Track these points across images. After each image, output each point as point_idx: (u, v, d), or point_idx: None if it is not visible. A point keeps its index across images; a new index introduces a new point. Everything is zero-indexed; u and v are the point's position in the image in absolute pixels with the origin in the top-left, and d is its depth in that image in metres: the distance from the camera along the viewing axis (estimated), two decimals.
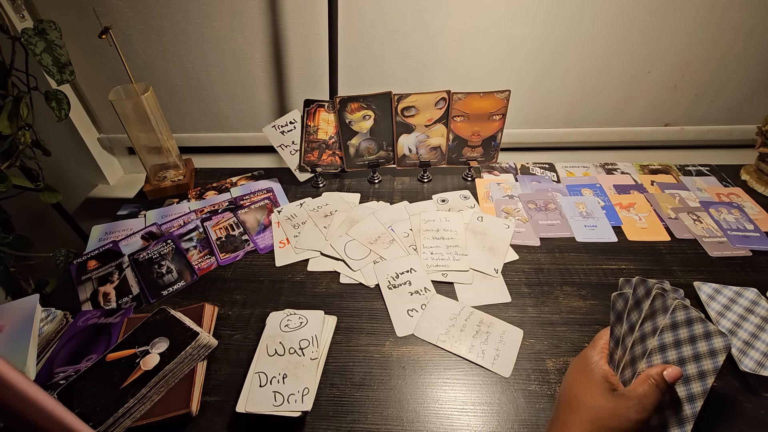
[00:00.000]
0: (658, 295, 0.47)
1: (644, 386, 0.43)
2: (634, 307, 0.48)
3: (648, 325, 0.47)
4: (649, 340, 0.46)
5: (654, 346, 0.46)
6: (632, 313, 0.48)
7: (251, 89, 1.04)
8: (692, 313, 0.45)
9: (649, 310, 0.47)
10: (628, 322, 0.48)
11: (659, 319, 0.46)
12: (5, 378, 0.32)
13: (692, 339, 0.45)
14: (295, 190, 0.96)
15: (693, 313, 0.45)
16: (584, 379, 0.46)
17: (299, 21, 0.93)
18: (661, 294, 0.47)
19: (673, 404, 0.44)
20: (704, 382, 0.44)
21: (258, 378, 0.56)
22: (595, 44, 0.92)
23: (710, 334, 0.44)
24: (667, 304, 0.46)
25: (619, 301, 0.49)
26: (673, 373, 0.43)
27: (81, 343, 0.65)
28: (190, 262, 0.78)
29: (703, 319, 0.45)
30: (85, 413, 0.52)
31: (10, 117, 0.78)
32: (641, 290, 0.48)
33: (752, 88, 0.98)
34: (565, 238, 0.79)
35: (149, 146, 0.93)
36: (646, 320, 0.47)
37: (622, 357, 0.47)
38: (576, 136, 1.07)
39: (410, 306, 0.68)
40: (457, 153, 0.93)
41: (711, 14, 0.88)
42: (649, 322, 0.47)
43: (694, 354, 0.44)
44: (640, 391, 0.42)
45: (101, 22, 0.81)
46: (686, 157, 1.02)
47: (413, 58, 0.97)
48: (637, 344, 0.46)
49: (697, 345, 0.45)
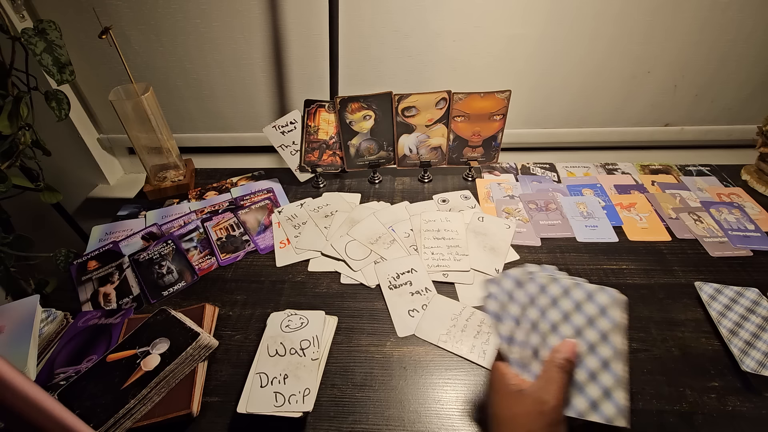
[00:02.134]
0: (527, 280, 0.46)
1: (546, 373, 0.41)
2: (509, 302, 0.46)
3: (532, 311, 0.45)
4: (541, 326, 0.44)
5: (546, 329, 0.44)
6: (510, 308, 0.46)
7: (251, 89, 1.04)
8: (565, 281, 0.44)
9: (526, 298, 0.46)
10: (512, 318, 0.46)
11: (541, 301, 0.45)
12: (6, 378, 0.32)
13: (578, 306, 0.43)
14: (295, 191, 0.96)
15: (565, 281, 0.44)
16: (493, 393, 0.44)
17: (299, 21, 0.93)
18: (530, 278, 0.46)
19: (593, 378, 0.42)
20: (610, 343, 0.42)
21: (259, 378, 0.56)
22: (596, 44, 0.92)
23: (592, 294, 0.43)
24: (541, 284, 0.45)
25: (491, 302, 0.47)
26: (564, 346, 0.41)
27: (81, 343, 0.65)
28: (190, 263, 0.78)
29: (579, 284, 0.44)
30: (86, 414, 0.51)
31: (10, 117, 0.78)
32: (508, 283, 0.47)
33: (752, 88, 0.98)
34: (565, 238, 0.79)
35: (149, 146, 0.93)
36: (527, 308, 0.45)
37: (523, 353, 0.45)
38: (576, 136, 1.07)
39: (411, 306, 0.68)
40: (457, 153, 0.93)
41: (711, 14, 0.88)
42: (533, 309, 0.45)
43: (587, 320, 0.43)
44: (543, 380, 0.41)
45: (101, 22, 0.80)
46: (687, 157, 1.02)
47: (413, 58, 0.97)
48: (530, 335, 0.45)
49: (585, 309, 0.43)
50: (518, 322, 0.45)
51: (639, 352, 0.60)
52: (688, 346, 0.60)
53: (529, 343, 0.44)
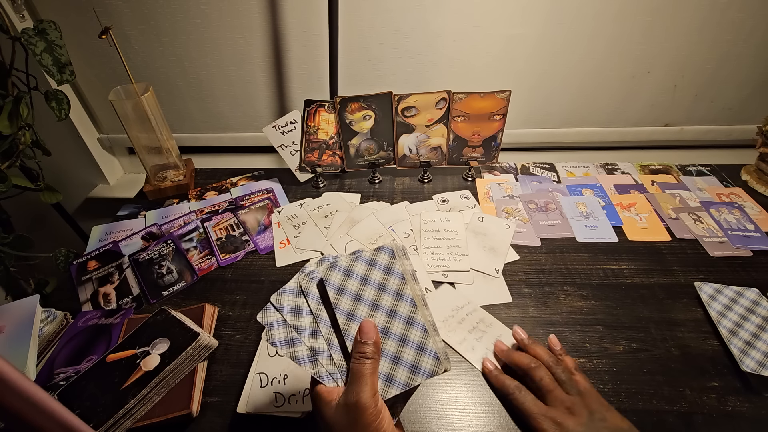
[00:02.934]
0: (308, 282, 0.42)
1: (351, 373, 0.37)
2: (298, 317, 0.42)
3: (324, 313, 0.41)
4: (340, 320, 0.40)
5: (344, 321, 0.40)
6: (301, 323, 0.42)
7: (251, 89, 1.04)
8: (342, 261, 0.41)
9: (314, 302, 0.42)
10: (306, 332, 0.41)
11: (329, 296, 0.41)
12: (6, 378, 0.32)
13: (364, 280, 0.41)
14: (295, 191, 0.96)
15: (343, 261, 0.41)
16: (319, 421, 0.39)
17: (299, 21, 0.93)
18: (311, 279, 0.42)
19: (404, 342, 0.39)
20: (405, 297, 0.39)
21: (259, 379, 0.56)
22: (595, 44, 0.92)
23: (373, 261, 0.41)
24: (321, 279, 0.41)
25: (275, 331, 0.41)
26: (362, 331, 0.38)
27: (81, 343, 0.65)
28: (190, 263, 0.78)
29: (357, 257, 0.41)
30: (86, 414, 0.51)
31: (10, 117, 0.78)
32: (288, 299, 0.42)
33: (752, 88, 0.98)
34: (565, 238, 0.79)
35: (149, 146, 0.93)
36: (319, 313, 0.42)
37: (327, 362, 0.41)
38: (576, 136, 1.07)
39: None
40: (457, 153, 0.93)
41: (711, 14, 0.88)
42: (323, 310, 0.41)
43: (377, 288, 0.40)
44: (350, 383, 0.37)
45: (101, 22, 0.80)
46: (686, 157, 1.02)
47: (413, 58, 0.97)
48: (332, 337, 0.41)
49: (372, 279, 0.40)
50: (315, 332, 0.41)
51: (639, 352, 0.60)
52: (688, 346, 0.60)
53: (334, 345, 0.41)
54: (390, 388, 0.39)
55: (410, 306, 0.40)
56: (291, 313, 0.42)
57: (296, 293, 0.42)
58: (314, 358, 0.41)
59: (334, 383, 0.40)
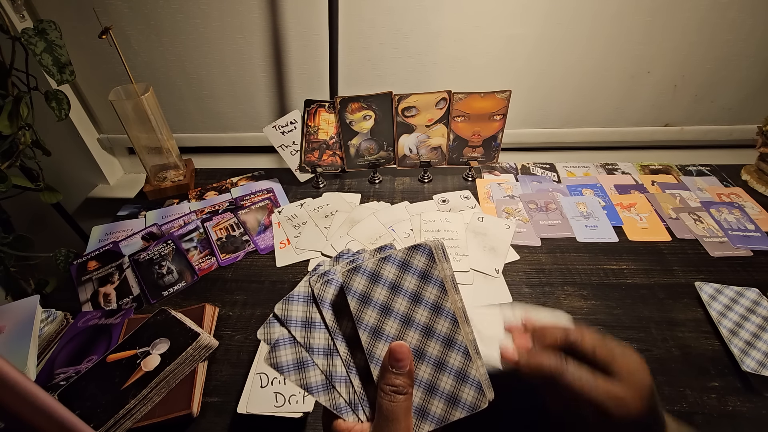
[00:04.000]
0: (322, 287, 0.34)
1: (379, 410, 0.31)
2: (310, 333, 0.35)
3: (344, 326, 0.34)
4: (362, 338, 0.33)
5: (366, 339, 0.33)
6: (313, 340, 0.35)
7: (251, 89, 1.04)
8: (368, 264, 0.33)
9: (330, 313, 0.34)
10: (320, 353, 0.34)
11: (348, 308, 0.33)
12: (6, 378, 0.32)
13: (394, 288, 0.33)
14: (295, 191, 0.96)
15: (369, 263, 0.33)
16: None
17: (299, 21, 0.93)
18: (326, 282, 0.34)
19: (441, 367, 0.33)
20: (444, 312, 0.32)
21: (259, 379, 0.56)
22: (595, 44, 0.92)
23: (406, 263, 0.33)
24: (340, 284, 0.34)
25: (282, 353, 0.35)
26: (393, 357, 0.31)
27: (81, 344, 0.65)
28: (190, 263, 0.78)
29: (387, 257, 0.33)
30: (86, 414, 0.51)
31: (10, 117, 0.78)
32: (297, 310, 0.35)
33: (752, 88, 0.98)
34: (565, 238, 0.79)
35: (149, 146, 0.93)
36: (337, 327, 0.34)
37: (346, 391, 0.34)
38: (576, 136, 1.07)
39: None
40: (457, 153, 0.93)
41: (711, 14, 0.88)
42: (343, 322, 0.34)
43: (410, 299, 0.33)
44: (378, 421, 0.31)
45: (101, 22, 0.80)
46: (686, 157, 1.02)
47: (413, 58, 0.97)
48: (354, 357, 0.34)
49: (404, 287, 0.33)
50: (331, 351, 0.34)
51: (639, 352, 0.59)
52: (688, 346, 0.60)
53: (354, 368, 0.34)
54: (423, 424, 0.32)
55: (450, 323, 0.32)
56: (301, 328, 0.34)
57: (306, 301, 0.35)
58: (330, 384, 0.34)
59: (355, 417, 0.33)
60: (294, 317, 0.34)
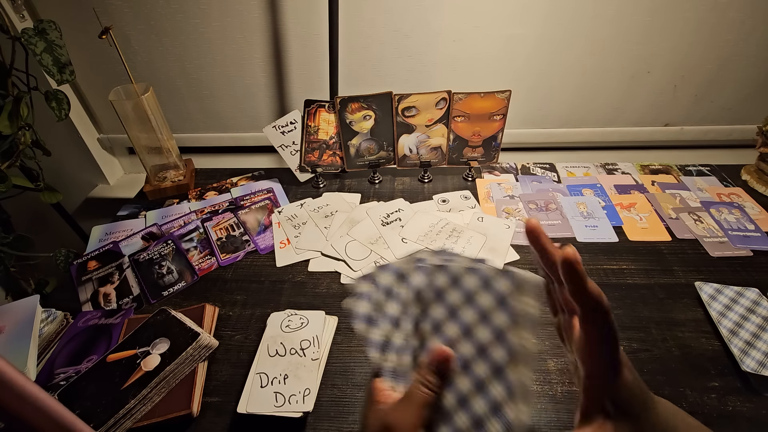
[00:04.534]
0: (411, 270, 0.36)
1: (407, 390, 0.33)
2: (387, 300, 0.37)
3: (415, 309, 0.36)
4: (423, 326, 0.35)
5: (427, 330, 0.35)
6: (388, 307, 0.37)
7: (251, 89, 1.04)
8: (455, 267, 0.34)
9: (410, 292, 0.36)
10: (389, 319, 0.37)
11: (426, 294, 0.35)
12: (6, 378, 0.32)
13: (468, 298, 0.33)
14: (295, 191, 0.96)
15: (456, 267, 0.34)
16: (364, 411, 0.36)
17: (299, 21, 0.93)
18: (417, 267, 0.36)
19: (480, 389, 0.33)
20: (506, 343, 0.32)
21: (259, 378, 0.56)
22: (594, 44, 0.92)
23: (490, 281, 0.33)
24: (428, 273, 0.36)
25: (361, 304, 0.37)
26: (432, 357, 0.32)
27: (81, 343, 0.65)
28: (190, 263, 0.78)
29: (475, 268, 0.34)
30: (86, 414, 0.52)
31: (10, 117, 0.78)
32: (387, 278, 0.37)
33: (752, 88, 0.98)
34: (566, 239, 0.79)
35: (149, 146, 0.93)
36: (410, 306, 0.36)
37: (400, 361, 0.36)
38: (576, 136, 1.07)
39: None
40: (457, 153, 0.93)
41: (711, 14, 0.88)
42: (415, 306, 0.36)
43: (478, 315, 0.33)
44: (401, 399, 0.33)
45: (101, 22, 0.80)
46: (686, 157, 1.02)
47: (413, 58, 0.97)
48: (411, 338, 0.36)
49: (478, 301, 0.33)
50: (397, 323, 0.36)
51: (639, 352, 0.60)
52: (688, 346, 0.60)
53: (409, 347, 0.36)
54: (443, 428, 0.32)
55: (507, 355, 0.32)
56: (382, 292, 0.37)
57: (396, 274, 0.37)
58: (384, 348, 0.36)
59: (393, 384, 0.35)
60: (381, 281, 0.38)
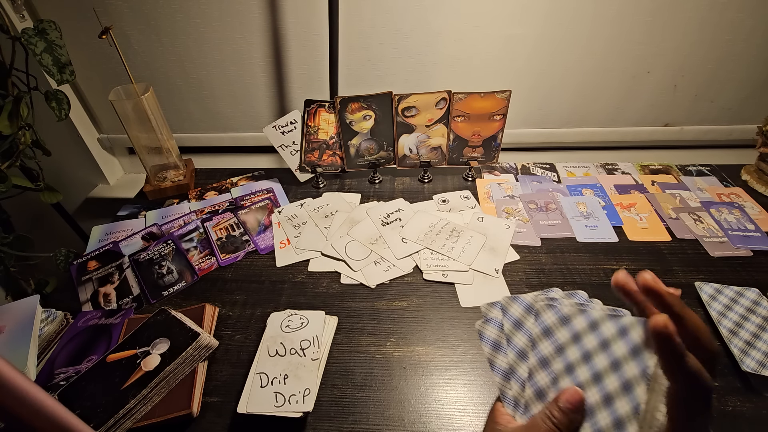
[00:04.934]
0: (545, 307, 0.37)
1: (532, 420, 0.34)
2: (515, 330, 0.38)
3: (546, 346, 0.36)
4: (555, 364, 0.35)
5: (560, 369, 0.35)
6: (515, 338, 0.38)
7: (251, 89, 1.04)
8: (595, 313, 0.34)
9: (539, 328, 0.37)
10: (516, 350, 0.38)
11: (559, 334, 0.36)
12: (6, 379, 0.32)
13: (604, 344, 0.33)
14: (295, 191, 0.96)
15: (596, 312, 0.34)
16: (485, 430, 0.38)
17: (299, 21, 0.93)
18: (549, 305, 0.37)
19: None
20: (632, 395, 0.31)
21: (259, 378, 0.56)
22: (595, 44, 0.92)
23: (627, 329, 0.32)
24: (563, 314, 0.36)
25: (489, 328, 0.39)
26: (565, 396, 0.32)
27: (81, 343, 0.65)
28: (190, 263, 0.78)
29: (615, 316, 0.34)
30: (86, 414, 0.52)
31: (10, 117, 0.78)
32: (517, 309, 0.38)
33: (752, 88, 0.98)
34: (565, 238, 0.79)
35: (149, 146, 0.93)
36: (540, 341, 0.36)
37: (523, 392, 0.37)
38: (576, 136, 1.07)
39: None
40: (457, 153, 0.93)
41: (711, 14, 0.88)
42: (547, 343, 0.36)
43: (610, 363, 0.32)
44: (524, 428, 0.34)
45: (101, 22, 0.80)
46: (686, 157, 1.02)
47: (413, 58, 0.97)
48: (538, 373, 0.36)
49: (612, 349, 0.33)
50: (523, 355, 0.38)
51: None
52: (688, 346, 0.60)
53: (534, 381, 0.36)
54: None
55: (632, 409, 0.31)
56: (512, 323, 0.38)
57: (527, 309, 0.38)
58: (508, 375, 0.37)
59: (513, 412, 0.37)
60: (511, 313, 0.39)
